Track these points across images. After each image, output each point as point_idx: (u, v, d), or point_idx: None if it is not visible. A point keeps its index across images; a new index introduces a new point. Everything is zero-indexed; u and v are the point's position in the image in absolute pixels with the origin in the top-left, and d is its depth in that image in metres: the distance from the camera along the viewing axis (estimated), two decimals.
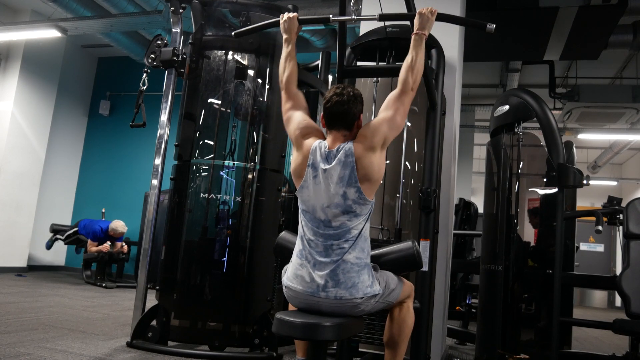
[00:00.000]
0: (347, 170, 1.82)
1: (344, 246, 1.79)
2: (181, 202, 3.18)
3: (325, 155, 1.87)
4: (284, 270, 1.95)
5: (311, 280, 1.79)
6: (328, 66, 4.06)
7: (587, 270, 8.25)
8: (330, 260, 1.78)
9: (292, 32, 2.16)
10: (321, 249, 1.81)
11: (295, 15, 2.17)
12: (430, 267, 2.39)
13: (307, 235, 1.86)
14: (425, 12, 2.02)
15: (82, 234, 6.58)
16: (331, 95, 1.90)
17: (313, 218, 1.85)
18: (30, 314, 3.76)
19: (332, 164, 1.84)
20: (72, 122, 8.28)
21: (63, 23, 5.89)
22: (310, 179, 1.87)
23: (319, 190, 1.84)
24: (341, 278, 1.76)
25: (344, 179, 1.82)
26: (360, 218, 1.83)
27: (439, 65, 2.76)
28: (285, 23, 2.16)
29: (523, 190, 3.25)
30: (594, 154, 10.68)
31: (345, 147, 1.85)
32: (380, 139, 1.86)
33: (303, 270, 1.82)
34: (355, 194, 1.81)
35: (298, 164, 1.92)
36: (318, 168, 1.87)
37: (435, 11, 2.04)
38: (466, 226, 6.08)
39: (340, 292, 1.76)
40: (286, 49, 2.13)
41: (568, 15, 4.64)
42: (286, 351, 3.16)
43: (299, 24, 2.17)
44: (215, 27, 3.48)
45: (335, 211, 1.81)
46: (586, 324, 3.73)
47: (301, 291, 1.81)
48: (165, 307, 3.05)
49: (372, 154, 1.84)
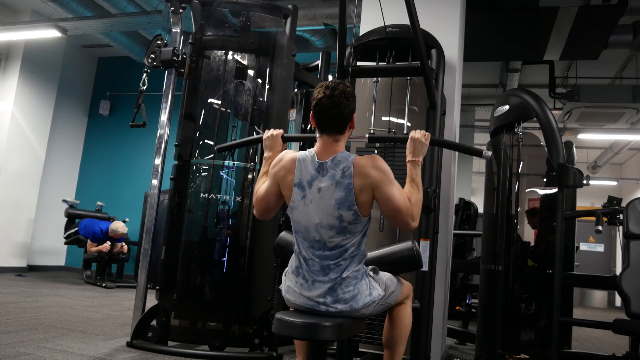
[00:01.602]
0: (344, 193, 1.71)
1: (341, 264, 1.75)
2: (181, 202, 3.18)
3: (316, 167, 1.75)
4: (284, 274, 1.92)
5: (309, 298, 1.76)
6: (328, 66, 4.06)
7: (587, 270, 8.26)
8: (329, 278, 1.74)
9: (274, 150, 2.03)
10: (318, 268, 1.76)
11: (279, 132, 2.05)
12: (430, 267, 2.39)
13: (303, 253, 1.80)
14: (419, 136, 1.91)
15: (82, 235, 6.58)
16: (321, 97, 1.75)
17: (307, 238, 1.78)
18: (30, 314, 3.75)
19: (325, 178, 1.73)
20: (72, 122, 8.28)
21: (63, 23, 5.89)
22: (299, 199, 1.76)
23: (311, 211, 1.74)
24: (340, 294, 1.73)
25: (339, 201, 1.71)
26: (356, 235, 1.76)
27: (439, 65, 2.76)
28: (267, 140, 2.04)
29: (523, 190, 3.25)
30: (594, 154, 10.68)
31: (343, 164, 1.73)
32: (371, 193, 1.74)
33: (301, 288, 1.78)
34: (352, 216, 1.72)
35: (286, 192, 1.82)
36: (306, 187, 1.75)
37: (428, 135, 1.94)
38: (466, 226, 6.08)
39: (340, 307, 1.73)
40: (264, 168, 1.98)
41: (568, 15, 4.63)
42: (286, 351, 3.16)
43: (284, 142, 2.06)
44: (215, 27, 3.49)
45: (331, 232, 1.73)
46: (586, 324, 3.74)
47: (301, 304, 1.79)
48: (165, 307, 3.05)
49: (368, 190, 1.74)
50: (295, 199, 1.78)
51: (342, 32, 2.24)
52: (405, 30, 2.68)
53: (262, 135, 2.09)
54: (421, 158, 1.91)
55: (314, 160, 1.77)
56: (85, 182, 8.35)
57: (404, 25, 2.61)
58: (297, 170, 1.78)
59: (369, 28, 3.05)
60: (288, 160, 1.82)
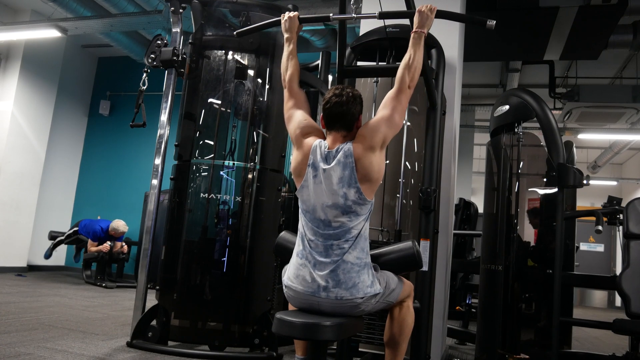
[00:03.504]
0: (347, 171, 1.82)
1: (344, 246, 1.80)
2: (181, 202, 3.18)
3: (325, 155, 1.87)
4: (284, 270, 1.95)
5: (312, 280, 1.79)
6: (328, 66, 4.06)
7: (587, 270, 8.25)
8: (331, 260, 1.79)
9: (293, 31, 2.17)
10: (321, 249, 1.81)
11: (295, 14, 2.18)
12: (430, 267, 2.39)
13: (308, 235, 1.86)
14: (425, 9, 2.02)
15: (82, 234, 6.57)
16: (330, 97, 1.90)
17: (313, 218, 1.85)
18: (30, 314, 3.76)
19: (331, 164, 1.85)
20: (72, 122, 8.28)
21: (63, 23, 5.89)
22: (311, 178, 1.87)
23: (319, 190, 1.85)
24: (342, 278, 1.77)
25: (343, 180, 1.82)
26: (360, 218, 1.83)
27: (439, 65, 2.76)
28: (286, 23, 2.17)
29: (523, 190, 3.25)
30: (594, 154, 10.68)
31: (345, 147, 1.85)
32: (379, 138, 1.86)
33: (304, 270, 1.82)
34: (355, 194, 1.81)
35: (298, 162, 1.92)
36: (318, 168, 1.87)
37: (434, 8, 2.04)
38: (466, 226, 6.08)
39: (341, 293, 1.76)
40: (287, 48, 2.15)
41: (568, 15, 4.63)
42: (286, 351, 3.16)
43: (300, 22, 2.18)
44: (215, 27, 3.49)
45: (336, 211, 1.81)
46: (586, 324, 3.73)
47: (302, 291, 1.81)
48: (165, 307, 3.05)
49: (371, 154, 1.84)
50: (307, 178, 1.88)
51: (342, 32, 2.25)
52: (405, 30, 2.67)
53: (280, 18, 2.22)
54: (426, 30, 2.01)
55: (325, 148, 1.89)
56: (85, 182, 8.35)
57: (404, 25, 2.60)
58: (312, 152, 1.90)
59: (369, 28, 3.05)
60: (311, 140, 1.93)
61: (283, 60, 2.14)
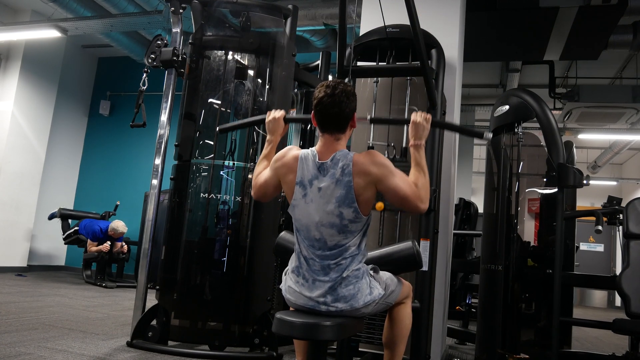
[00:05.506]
0: (344, 191, 1.72)
1: (341, 263, 1.75)
2: (181, 202, 3.18)
3: (317, 167, 1.77)
4: (284, 273, 1.92)
5: (310, 298, 1.76)
6: (328, 66, 4.05)
7: (587, 270, 8.25)
8: (329, 278, 1.74)
9: (276, 132, 2.06)
10: (318, 268, 1.76)
11: (282, 114, 2.06)
12: (430, 267, 2.39)
13: (304, 252, 1.80)
14: (420, 120, 1.91)
15: (82, 234, 6.58)
16: (322, 97, 1.76)
17: (308, 236, 1.78)
18: (30, 314, 3.76)
19: (325, 178, 1.75)
20: (72, 122, 8.28)
21: (63, 23, 5.89)
22: (300, 198, 1.78)
23: (311, 209, 1.76)
24: (340, 293, 1.73)
25: (339, 199, 1.72)
26: (356, 234, 1.77)
27: (439, 65, 2.76)
28: (269, 123, 2.06)
29: (523, 190, 3.25)
30: (594, 154, 10.68)
31: (342, 161, 1.74)
32: (380, 187, 1.76)
33: (301, 288, 1.78)
34: (352, 213, 1.73)
35: (286, 183, 1.84)
36: (307, 186, 1.77)
37: (429, 118, 1.94)
38: (466, 226, 6.08)
39: (341, 305, 1.73)
40: (266, 149, 2.04)
41: (568, 16, 4.64)
42: (286, 351, 3.16)
43: (285, 123, 2.08)
44: (215, 27, 3.49)
45: (331, 230, 1.74)
46: (586, 324, 3.73)
47: (301, 304, 1.79)
48: (165, 307, 3.05)
49: (371, 187, 1.75)
50: (296, 197, 1.79)
51: (342, 32, 2.25)
52: (406, 30, 2.68)
53: (264, 116, 2.11)
54: (424, 141, 1.92)
55: (315, 159, 1.78)
56: (86, 182, 8.35)
57: (404, 25, 2.61)
58: (299, 168, 1.79)
59: (369, 28, 3.05)
60: (290, 158, 1.84)
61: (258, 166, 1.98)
